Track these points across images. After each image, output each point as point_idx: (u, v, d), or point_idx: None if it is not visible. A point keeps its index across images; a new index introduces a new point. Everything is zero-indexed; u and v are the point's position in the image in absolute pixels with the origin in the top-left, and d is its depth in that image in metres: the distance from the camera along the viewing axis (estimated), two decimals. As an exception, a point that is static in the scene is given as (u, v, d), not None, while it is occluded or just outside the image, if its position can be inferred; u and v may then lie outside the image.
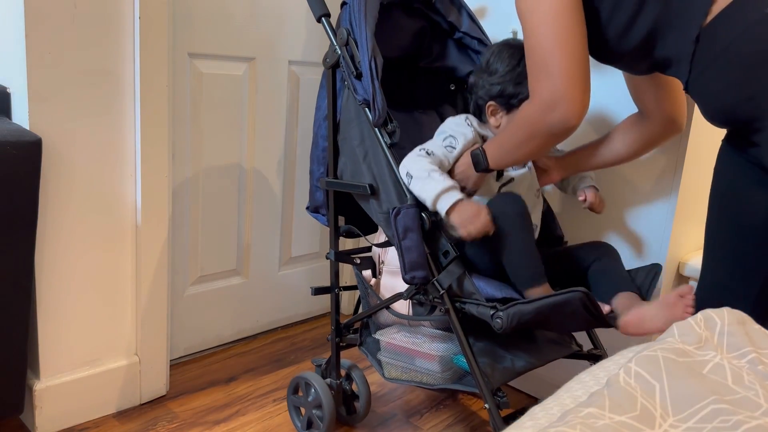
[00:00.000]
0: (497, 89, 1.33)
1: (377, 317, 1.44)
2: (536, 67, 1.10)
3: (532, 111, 1.12)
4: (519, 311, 1.10)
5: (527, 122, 1.14)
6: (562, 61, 1.06)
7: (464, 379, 1.27)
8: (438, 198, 1.18)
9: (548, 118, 1.09)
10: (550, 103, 1.08)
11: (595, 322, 1.11)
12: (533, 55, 1.10)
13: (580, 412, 0.59)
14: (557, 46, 1.06)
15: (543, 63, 1.08)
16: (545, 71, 1.08)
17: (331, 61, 1.36)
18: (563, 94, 1.07)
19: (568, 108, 1.07)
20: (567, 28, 1.07)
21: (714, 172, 1.21)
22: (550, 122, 1.09)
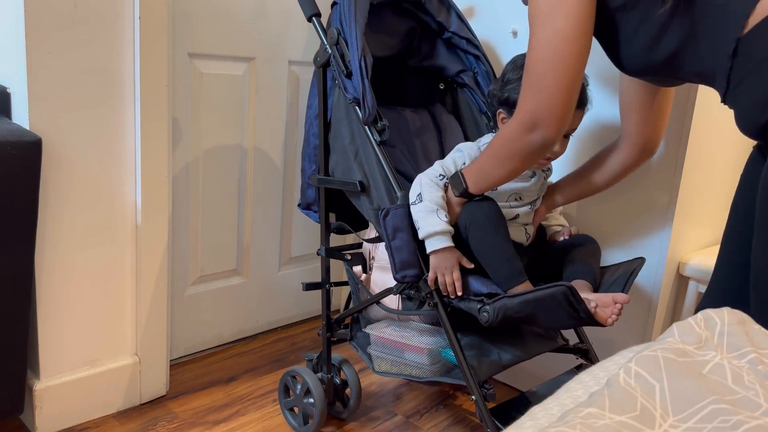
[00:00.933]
0: (505, 96, 1.33)
1: (367, 312, 1.45)
2: (528, 83, 1.09)
3: (513, 128, 1.12)
4: (504, 305, 1.13)
5: (507, 140, 1.14)
6: (554, 85, 1.06)
7: (452, 372, 1.30)
8: (430, 236, 1.20)
9: (528, 139, 1.09)
10: (532, 123, 1.08)
11: (580, 320, 1.12)
12: (529, 71, 1.09)
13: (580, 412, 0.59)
14: (556, 70, 1.05)
15: (536, 82, 1.07)
16: (538, 89, 1.07)
17: (321, 60, 1.37)
18: (548, 116, 1.07)
19: (549, 131, 1.08)
20: (572, 54, 1.05)
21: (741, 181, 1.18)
22: (529, 142, 1.10)
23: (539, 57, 1.07)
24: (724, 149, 1.71)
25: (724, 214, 1.85)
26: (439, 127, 1.61)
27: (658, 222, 1.55)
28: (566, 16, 1.04)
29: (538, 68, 1.07)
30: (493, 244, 1.21)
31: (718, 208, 1.78)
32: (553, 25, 1.04)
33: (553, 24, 1.04)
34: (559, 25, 1.04)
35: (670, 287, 1.64)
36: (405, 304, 1.35)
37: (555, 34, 1.04)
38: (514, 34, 1.72)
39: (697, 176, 1.59)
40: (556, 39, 1.04)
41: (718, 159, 1.68)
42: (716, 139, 1.64)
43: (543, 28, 1.06)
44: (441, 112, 1.63)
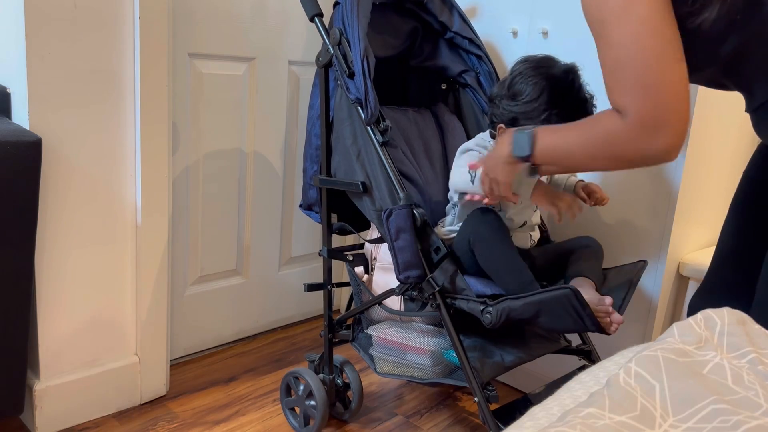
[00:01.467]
0: (510, 116, 1.28)
1: (369, 313, 1.45)
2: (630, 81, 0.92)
3: (625, 133, 0.94)
4: (508, 307, 1.13)
5: (611, 141, 0.96)
6: (669, 75, 0.91)
7: (455, 373, 1.30)
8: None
9: (645, 143, 0.93)
10: (654, 124, 0.91)
11: (583, 324, 1.12)
12: (627, 68, 0.92)
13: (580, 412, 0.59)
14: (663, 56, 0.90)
15: (643, 76, 0.91)
16: (646, 86, 0.91)
17: (323, 60, 1.37)
18: (671, 116, 0.91)
19: (675, 134, 0.92)
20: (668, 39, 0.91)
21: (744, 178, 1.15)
22: (646, 148, 0.93)
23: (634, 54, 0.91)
24: (724, 149, 1.71)
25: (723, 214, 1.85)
26: (441, 127, 1.61)
27: (658, 222, 1.55)
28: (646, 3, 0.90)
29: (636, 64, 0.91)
30: (500, 258, 1.21)
31: (718, 208, 1.78)
32: (634, 15, 0.90)
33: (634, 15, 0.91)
34: (643, 14, 0.90)
35: (670, 287, 1.64)
36: (407, 305, 1.35)
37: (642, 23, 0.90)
38: (515, 34, 1.72)
39: (697, 176, 1.59)
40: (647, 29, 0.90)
41: (718, 159, 1.68)
42: (716, 139, 1.64)
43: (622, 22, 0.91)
44: (443, 112, 1.63)
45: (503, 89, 1.30)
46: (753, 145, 1.84)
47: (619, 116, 0.94)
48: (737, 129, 1.73)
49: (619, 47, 0.92)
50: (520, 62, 1.30)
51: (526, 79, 1.26)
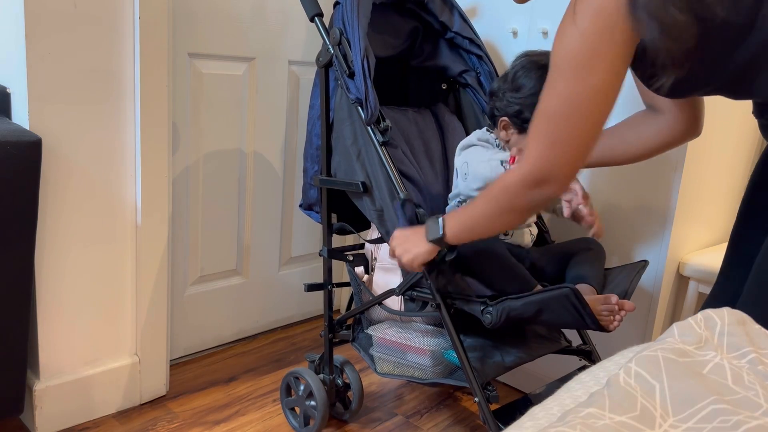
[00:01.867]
0: (515, 109, 1.30)
1: (370, 313, 1.45)
2: (548, 133, 0.98)
3: (516, 183, 1.02)
4: (508, 307, 1.13)
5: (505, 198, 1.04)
6: (574, 142, 0.96)
7: (455, 373, 1.30)
8: None
9: (532, 195, 1.01)
10: (542, 178, 0.99)
11: (583, 322, 1.12)
12: (548, 120, 0.98)
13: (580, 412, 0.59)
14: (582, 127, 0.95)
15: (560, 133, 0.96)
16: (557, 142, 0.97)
17: (324, 60, 1.37)
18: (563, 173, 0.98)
19: (559, 187, 1.00)
20: (603, 113, 0.96)
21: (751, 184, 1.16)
22: (532, 198, 1.01)
23: (564, 110, 0.95)
24: (724, 149, 1.71)
25: (724, 214, 1.85)
26: (441, 127, 1.61)
27: (658, 222, 1.55)
28: (605, 71, 0.93)
29: (559, 121, 0.96)
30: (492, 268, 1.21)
31: (718, 208, 1.78)
32: (590, 78, 0.93)
33: (590, 77, 0.93)
34: (597, 81, 0.93)
35: (670, 287, 1.64)
36: (407, 305, 1.35)
37: (591, 89, 0.93)
38: (515, 34, 1.72)
39: (697, 176, 1.59)
40: (591, 94, 0.94)
41: (718, 159, 1.68)
42: (716, 139, 1.64)
43: (576, 79, 0.94)
44: (444, 112, 1.63)
45: (506, 83, 1.32)
46: (753, 145, 1.84)
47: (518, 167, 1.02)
48: (738, 129, 1.73)
49: (559, 99, 0.96)
50: (521, 56, 1.32)
51: (528, 72, 1.28)
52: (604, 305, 1.15)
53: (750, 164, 1.87)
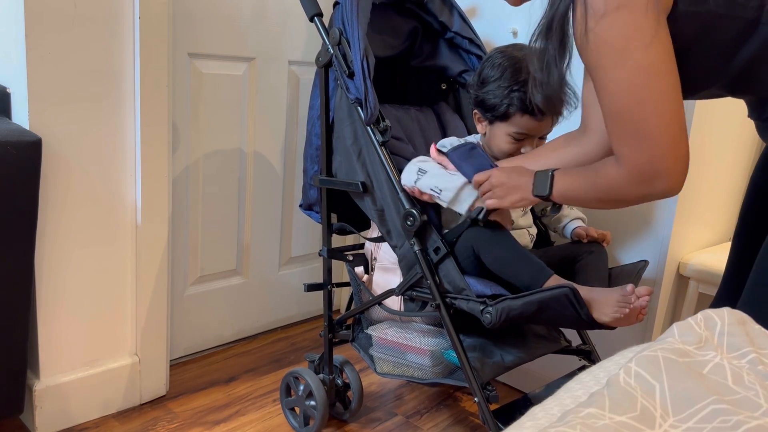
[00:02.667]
0: (479, 99, 1.33)
1: (369, 313, 1.45)
2: (628, 130, 0.93)
3: (622, 180, 0.96)
4: (508, 306, 1.13)
5: (613, 189, 0.99)
6: (668, 124, 0.90)
7: (454, 373, 1.29)
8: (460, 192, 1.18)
9: (645, 191, 0.95)
10: (650, 175, 0.93)
11: (581, 322, 1.12)
12: (623, 115, 0.93)
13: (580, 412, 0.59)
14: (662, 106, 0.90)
15: (639, 126, 0.91)
16: (642, 136, 0.91)
17: (323, 60, 1.37)
18: (668, 164, 0.92)
19: (673, 180, 0.93)
20: (672, 85, 0.91)
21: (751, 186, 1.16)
22: (647, 194, 0.96)
23: (627, 102, 0.91)
24: (724, 150, 1.71)
25: (723, 214, 1.85)
26: (443, 126, 1.61)
27: (658, 222, 1.55)
28: (644, 47, 0.89)
29: (632, 115, 0.92)
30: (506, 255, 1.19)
31: (718, 208, 1.78)
32: (631, 61, 0.89)
33: (631, 61, 0.89)
34: (640, 60, 0.89)
35: (670, 287, 1.64)
36: (407, 305, 1.35)
37: (639, 72, 0.89)
38: (515, 34, 1.72)
39: (697, 176, 1.59)
40: (644, 77, 0.90)
41: (718, 159, 1.68)
42: (716, 139, 1.64)
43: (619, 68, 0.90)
44: (445, 110, 1.63)
45: (475, 77, 1.36)
46: (753, 145, 1.84)
47: (618, 165, 0.96)
48: (737, 129, 1.73)
49: (617, 94, 0.92)
50: (492, 50, 1.35)
51: (492, 62, 1.31)
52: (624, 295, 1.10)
53: (749, 164, 1.87)
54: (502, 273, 1.20)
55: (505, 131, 1.30)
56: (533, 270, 1.18)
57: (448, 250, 1.21)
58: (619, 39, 0.89)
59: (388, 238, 1.33)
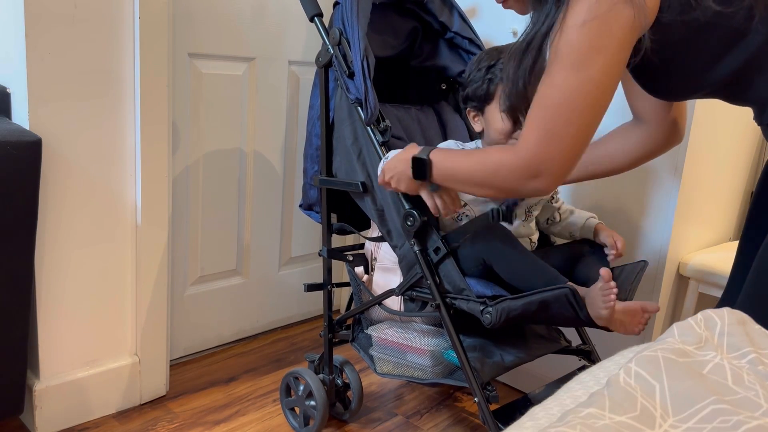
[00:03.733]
0: (465, 95, 1.34)
1: (369, 313, 1.45)
2: (544, 124, 0.96)
3: (510, 168, 1.00)
4: (508, 306, 1.13)
5: (496, 176, 1.03)
6: (572, 136, 0.95)
7: (455, 373, 1.29)
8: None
9: (523, 184, 1.00)
10: (536, 171, 0.97)
11: (580, 321, 1.12)
12: (545, 111, 0.96)
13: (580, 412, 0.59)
14: (579, 120, 0.94)
15: (557, 125, 0.95)
16: (553, 135, 0.96)
17: (323, 60, 1.37)
18: (556, 168, 0.97)
19: (548, 183, 0.98)
20: (602, 106, 0.95)
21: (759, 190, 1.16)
22: (522, 187, 1.00)
23: (561, 102, 0.95)
24: (724, 150, 1.71)
25: (724, 214, 1.85)
26: (444, 126, 1.61)
27: (658, 222, 1.55)
28: (605, 64, 0.93)
29: (558, 113, 0.95)
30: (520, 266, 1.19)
31: (718, 208, 1.78)
32: (588, 71, 0.93)
33: (588, 70, 0.93)
34: (595, 74, 0.93)
35: (670, 287, 1.64)
36: (407, 305, 1.35)
37: (588, 82, 0.93)
38: (515, 34, 1.72)
39: (697, 176, 1.59)
40: (589, 88, 0.93)
41: (718, 159, 1.68)
42: (716, 139, 1.64)
43: (575, 71, 0.93)
44: (446, 110, 1.63)
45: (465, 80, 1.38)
46: (753, 145, 1.84)
47: (514, 151, 1.00)
48: (737, 129, 1.73)
49: (556, 90, 0.95)
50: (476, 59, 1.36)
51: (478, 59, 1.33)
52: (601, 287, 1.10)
53: (749, 164, 1.87)
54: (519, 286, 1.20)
55: (496, 109, 1.29)
56: (548, 281, 1.17)
57: (448, 251, 1.21)
58: (585, 47, 0.93)
59: (388, 238, 1.33)
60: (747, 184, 1.88)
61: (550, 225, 1.41)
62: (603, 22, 0.92)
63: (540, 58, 1.01)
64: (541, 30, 1.00)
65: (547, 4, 0.99)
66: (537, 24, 1.01)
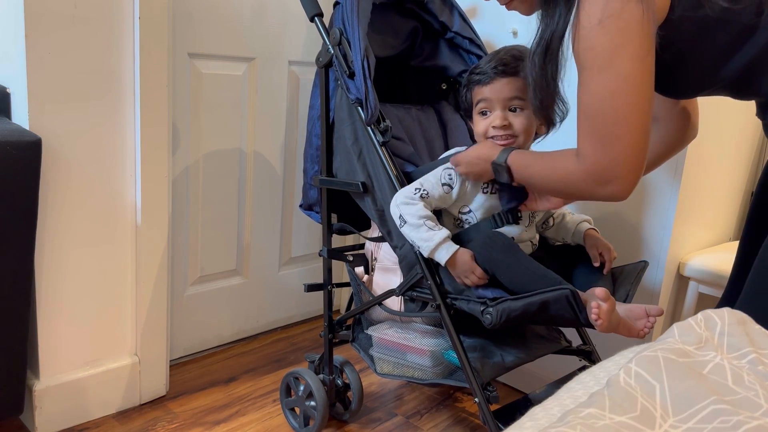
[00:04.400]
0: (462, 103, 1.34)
1: (369, 313, 1.45)
2: (597, 132, 0.96)
3: (578, 175, 1.00)
4: (508, 307, 1.13)
5: (566, 180, 1.03)
6: (633, 133, 0.94)
7: (455, 374, 1.29)
8: (434, 250, 1.18)
9: (595, 190, 0.99)
10: (605, 177, 0.97)
11: (579, 322, 1.11)
12: (596, 118, 0.96)
13: (580, 412, 0.59)
14: (627, 120, 0.94)
15: (608, 129, 0.95)
16: (609, 139, 0.95)
17: (324, 60, 1.37)
18: (624, 170, 0.96)
19: (624, 185, 0.97)
20: (644, 100, 0.95)
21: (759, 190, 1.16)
22: (596, 194, 1.00)
23: (602, 106, 0.95)
24: (724, 150, 1.71)
25: (723, 214, 1.85)
26: (444, 126, 1.61)
27: (658, 222, 1.55)
28: (631, 58, 0.92)
29: (603, 119, 0.95)
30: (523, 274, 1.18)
31: (718, 208, 1.78)
32: (616, 70, 0.93)
33: (616, 69, 0.93)
34: (623, 70, 0.93)
35: (670, 287, 1.64)
36: (407, 305, 1.35)
37: (620, 80, 0.93)
38: (515, 34, 1.72)
39: (697, 176, 1.59)
40: (623, 85, 0.93)
41: (718, 159, 1.68)
42: (716, 140, 1.64)
43: (603, 74, 0.94)
44: (446, 110, 1.63)
45: None
46: (753, 145, 1.84)
47: (578, 161, 1.00)
48: (738, 129, 1.73)
49: (594, 96, 0.96)
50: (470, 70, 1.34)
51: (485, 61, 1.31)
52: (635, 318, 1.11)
53: (750, 164, 1.87)
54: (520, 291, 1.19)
55: (475, 113, 1.28)
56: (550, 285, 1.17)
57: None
58: (608, 47, 0.93)
59: (388, 239, 1.33)
60: (747, 184, 1.88)
61: (544, 230, 1.41)
62: (618, 18, 0.92)
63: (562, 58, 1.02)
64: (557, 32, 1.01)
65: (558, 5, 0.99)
66: (550, 26, 1.02)
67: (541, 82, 1.05)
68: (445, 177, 1.25)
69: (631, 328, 1.12)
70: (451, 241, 1.20)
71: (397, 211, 1.23)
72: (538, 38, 1.04)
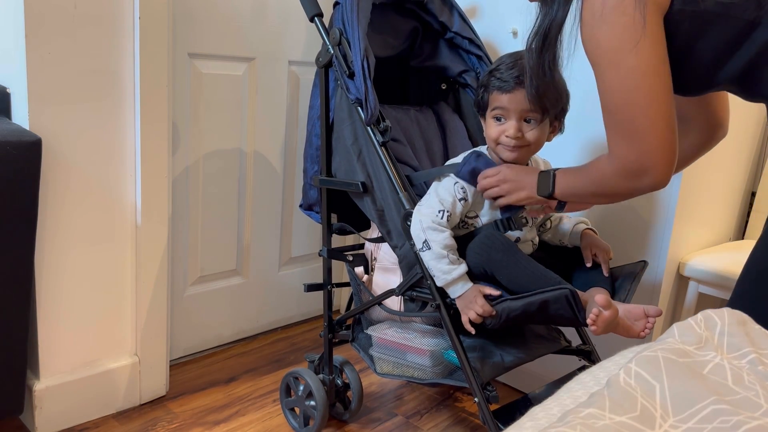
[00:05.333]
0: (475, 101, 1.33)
1: (369, 313, 1.45)
2: (619, 127, 0.98)
3: (612, 176, 1.01)
4: (508, 307, 1.13)
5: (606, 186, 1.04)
6: (654, 124, 0.95)
7: (454, 373, 1.29)
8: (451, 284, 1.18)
9: (632, 185, 1.00)
10: (637, 170, 0.98)
11: (578, 322, 1.11)
12: (615, 114, 0.97)
13: (580, 412, 0.59)
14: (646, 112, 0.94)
15: (629, 124, 0.96)
16: (632, 134, 0.96)
17: (323, 60, 1.37)
18: (654, 161, 0.96)
19: (659, 175, 0.97)
20: (657, 89, 0.95)
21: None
22: (634, 188, 1.01)
23: (621, 101, 0.96)
24: (724, 150, 1.71)
25: (724, 214, 1.85)
26: (443, 127, 1.61)
27: (658, 222, 1.55)
28: (636, 52, 0.93)
29: (625, 113, 0.96)
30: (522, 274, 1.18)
31: (718, 208, 1.78)
32: (626, 63, 0.94)
33: (626, 62, 0.94)
34: (634, 62, 0.93)
35: (670, 287, 1.64)
36: (407, 305, 1.35)
37: (633, 72, 0.94)
38: (515, 34, 1.72)
39: (697, 176, 1.59)
40: (637, 77, 0.94)
41: (718, 159, 1.68)
42: (716, 139, 1.64)
43: (615, 69, 0.95)
44: (445, 111, 1.63)
45: None
46: (753, 145, 1.84)
47: (609, 160, 1.02)
48: (738, 129, 1.72)
49: (610, 93, 0.97)
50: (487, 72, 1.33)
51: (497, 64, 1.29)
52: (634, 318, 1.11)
53: (750, 164, 1.87)
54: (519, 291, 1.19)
55: (489, 116, 1.27)
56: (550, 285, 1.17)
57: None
58: (612, 40, 0.94)
59: (388, 239, 1.33)
60: (747, 184, 1.88)
61: (542, 233, 1.41)
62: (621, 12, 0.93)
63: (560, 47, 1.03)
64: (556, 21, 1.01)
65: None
66: (549, 14, 1.02)
67: (537, 70, 1.06)
68: (459, 192, 1.25)
69: (630, 329, 1.12)
70: (467, 278, 1.19)
71: (423, 236, 1.20)
72: (537, 27, 1.05)
